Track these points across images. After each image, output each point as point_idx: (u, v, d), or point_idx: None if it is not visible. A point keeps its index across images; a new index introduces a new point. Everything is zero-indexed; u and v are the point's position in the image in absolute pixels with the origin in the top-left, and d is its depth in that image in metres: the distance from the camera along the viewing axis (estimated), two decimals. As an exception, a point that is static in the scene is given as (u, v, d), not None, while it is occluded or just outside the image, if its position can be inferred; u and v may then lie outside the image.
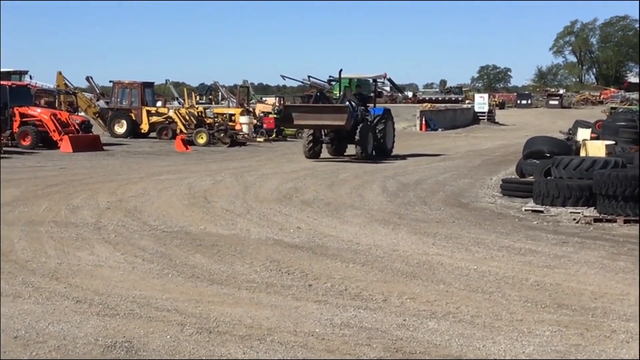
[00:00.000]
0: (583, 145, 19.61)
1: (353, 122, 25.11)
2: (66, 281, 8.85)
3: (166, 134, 36.42)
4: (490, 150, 32.12)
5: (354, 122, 25.21)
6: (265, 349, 6.52)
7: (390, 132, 28.13)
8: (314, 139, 26.22)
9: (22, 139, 30.41)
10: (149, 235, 11.76)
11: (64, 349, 6.50)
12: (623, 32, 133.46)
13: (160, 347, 6.56)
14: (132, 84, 38.83)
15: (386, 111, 28.35)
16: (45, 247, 10.72)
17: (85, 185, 17.87)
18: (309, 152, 26.11)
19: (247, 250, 10.69)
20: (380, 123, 26.88)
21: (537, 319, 7.47)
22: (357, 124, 25.36)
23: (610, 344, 6.75)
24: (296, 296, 8.29)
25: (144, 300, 8.02)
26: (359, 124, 25.46)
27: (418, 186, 18.58)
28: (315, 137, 26.25)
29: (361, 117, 26.30)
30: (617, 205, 13.29)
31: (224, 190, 17.00)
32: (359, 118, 26.01)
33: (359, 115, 26.25)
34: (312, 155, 26.08)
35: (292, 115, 26.16)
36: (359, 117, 26.09)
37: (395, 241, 11.49)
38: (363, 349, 6.55)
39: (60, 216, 13.33)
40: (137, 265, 9.73)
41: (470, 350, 6.56)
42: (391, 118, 28.36)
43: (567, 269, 9.67)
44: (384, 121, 27.18)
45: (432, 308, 7.85)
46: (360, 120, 25.92)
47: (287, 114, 26.79)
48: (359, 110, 26.60)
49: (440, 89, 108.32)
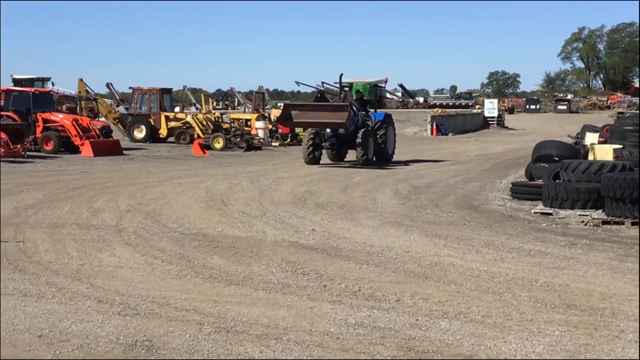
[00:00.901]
0: (591, 149, 19.54)
1: (354, 127, 24.33)
2: (88, 282, 8.89)
3: (184, 138, 36.48)
4: (499, 154, 32.03)
5: (354, 127, 24.39)
6: (281, 348, 6.53)
7: (391, 138, 26.93)
8: (314, 144, 25.07)
9: (44, 143, 30.56)
10: (168, 237, 11.79)
11: (87, 347, 6.53)
12: (630, 39, 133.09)
13: (180, 345, 6.58)
14: (151, 90, 38.92)
15: (387, 116, 27.18)
16: (67, 249, 10.77)
17: (106, 188, 17.94)
18: (309, 157, 24.87)
19: (263, 251, 10.71)
20: (381, 128, 25.79)
21: (546, 319, 7.46)
22: (357, 129, 24.43)
23: (619, 343, 6.73)
24: (311, 296, 8.30)
25: (163, 300, 8.05)
26: (359, 129, 24.48)
27: (429, 189, 18.56)
28: (315, 142, 25.13)
29: (362, 122, 25.15)
30: (625, 207, 13.25)
31: (241, 194, 17.03)
32: (359, 123, 24.93)
33: (360, 120, 25.12)
34: (312, 160, 24.87)
35: (292, 114, 25.00)
36: (360, 122, 25.00)
37: (408, 243, 11.49)
38: (377, 348, 6.55)
39: (82, 219, 13.39)
40: (157, 266, 9.76)
41: (482, 349, 6.55)
42: (392, 123, 27.19)
43: (576, 270, 9.64)
44: (385, 126, 26.07)
45: (444, 308, 7.84)
46: (361, 125, 24.85)
47: (287, 112, 25.45)
48: (359, 115, 25.35)
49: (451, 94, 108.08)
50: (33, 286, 8.63)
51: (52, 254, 10.39)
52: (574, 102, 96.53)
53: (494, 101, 66.87)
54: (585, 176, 14.87)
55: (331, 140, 25.13)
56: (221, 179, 20.20)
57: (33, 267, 9.61)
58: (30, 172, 22.46)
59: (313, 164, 24.61)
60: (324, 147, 25.47)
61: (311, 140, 25.01)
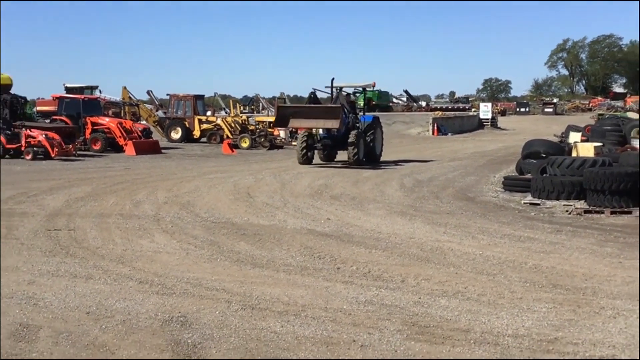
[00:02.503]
0: (574, 147, 19.48)
1: (345, 128, 23.05)
2: (130, 265, 8.91)
3: (215, 139, 36.58)
4: (493, 151, 31.88)
5: (345, 129, 23.09)
6: (300, 323, 6.52)
7: (379, 139, 25.18)
8: (307, 146, 23.56)
9: (93, 144, 30.77)
10: (200, 225, 11.80)
11: (129, 322, 6.54)
12: (609, 49, 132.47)
13: (210, 321, 6.59)
14: (185, 96, 39.02)
15: (375, 119, 25.57)
16: (112, 236, 10.80)
17: (146, 183, 17.99)
18: (302, 158, 23.43)
19: (284, 238, 10.70)
20: (370, 130, 24.24)
21: (535, 297, 7.42)
22: (348, 131, 23.13)
23: (599, 318, 6.70)
24: (326, 277, 8.28)
25: (196, 281, 8.05)
26: (350, 130, 23.17)
27: (431, 183, 18.50)
28: (308, 143, 23.60)
29: (352, 124, 23.81)
30: (605, 198, 13.23)
31: (264, 187, 17.03)
32: (350, 125, 23.60)
33: (350, 122, 23.75)
34: (305, 161, 23.45)
35: (288, 117, 23.37)
36: (350, 124, 23.68)
37: (412, 230, 11.45)
38: (384, 323, 6.53)
39: (125, 209, 13.43)
40: (190, 251, 9.77)
41: (477, 324, 6.52)
42: (380, 125, 25.39)
43: (561, 254, 9.58)
44: (373, 128, 24.50)
45: (444, 288, 7.81)
46: (352, 127, 23.56)
47: (282, 115, 23.80)
48: (350, 118, 23.90)
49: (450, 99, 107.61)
50: (82, 269, 8.67)
51: (99, 241, 10.43)
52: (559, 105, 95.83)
53: (488, 105, 66.60)
54: (569, 171, 14.83)
55: (324, 141, 23.80)
56: (247, 174, 20.22)
57: (82, 252, 9.65)
58: (80, 168, 22.58)
59: (306, 164, 23.32)
60: (317, 148, 24.11)
61: (305, 142, 23.64)
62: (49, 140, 26.61)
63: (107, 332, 6.27)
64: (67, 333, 6.24)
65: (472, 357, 5.71)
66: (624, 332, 6.30)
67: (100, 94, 50.56)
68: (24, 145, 26.59)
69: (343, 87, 25.32)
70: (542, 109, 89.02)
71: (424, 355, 5.72)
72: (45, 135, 26.87)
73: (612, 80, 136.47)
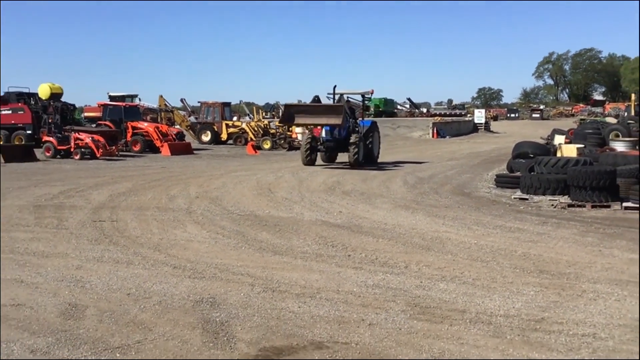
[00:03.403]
0: (559, 148, 19.35)
1: (345, 132, 22.32)
2: (166, 252, 8.93)
3: (240, 141, 36.64)
4: (486, 152, 31.72)
5: (346, 132, 22.35)
6: (315, 304, 6.51)
7: (377, 142, 24.26)
8: (311, 148, 22.58)
9: (133, 145, 30.92)
10: (227, 217, 11.81)
11: (164, 303, 6.55)
12: (590, 61, 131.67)
13: (236, 302, 6.59)
14: (214, 103, 39.11)
15: (373, 123, 24.54)
16: (150, 227, 10.83)
17: (180, 180, 18.03)
18: (306, 159, 22.51)
19: (301, 229, 10.68)
20: (368, 133, 23.31)
21: (524, 281, 7.37)
22: (349, 134, 22.29)
23: (581, 301, 6.64)
24: (338, 264, 8.26)
25: (223, 267, 8.06)
26: (351, 134, 22.26)
27: (431, 180, 18.43)
28: (312, 146, 22.63)
29: (352, 128, 22.86)
30: (586, 194, 13.17)
31: (284, 184, 17.02)
32: (351, 129, 22.70)
33: (351, 127, 22.82)
34: (309, 162, 22.49)
35: (293, 115, 22.20)
36: (351, 128, 22.75)
37: (414, 222, 11.41)
38: (389, 304, 6.51)
39: (161, 203, 13.46)
40: (219, 240, 9.78)
41: (472, 305, 6.48)
42: (377, 129, 24.48)
43: (547, 243, 9.51)
44: (372, 132, 23.64)
45: (443, 273, 7.78)
46: (352, 131, 22.60)
47: (289, 113, 22.45)
48: (350, 122, 22.94)
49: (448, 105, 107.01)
50: (123, 255, 8.70)
51: (138, 231, 10.46)
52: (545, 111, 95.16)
53: (482, 111, 66.21)
54: (554, 169, 14.74)
55: (326, 143, 22.77)
56: (268, 172, 20.22)
57: (124, 240, 9.68)
58: (122, 167, 22.68)
59: (310, 165, 22.40)
60: (320, 150, 23.03)
61: (308, 145, 22.71)
62: (95, 142, 26.76)
63: (145, 311, 6.28)
64: (110, 312, 6.26)
65: (468, 334, 5.67)
66: (604, 313, 6.24)
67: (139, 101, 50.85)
68: (73, 146, 26.75)
69: (344, 94, 24.59)
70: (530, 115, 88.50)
71: (425, 333, 5.70)
72: (92, 138, 27.03)
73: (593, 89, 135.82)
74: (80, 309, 6.34)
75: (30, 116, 32.88)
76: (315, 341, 5.51)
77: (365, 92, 24.84)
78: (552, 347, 5.40)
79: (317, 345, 5.43)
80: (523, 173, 15.73)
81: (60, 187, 15.94)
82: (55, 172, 20.42)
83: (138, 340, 5.53)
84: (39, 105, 33.38)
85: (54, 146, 27.03)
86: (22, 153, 25.68)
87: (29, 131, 32.56)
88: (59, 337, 5.59)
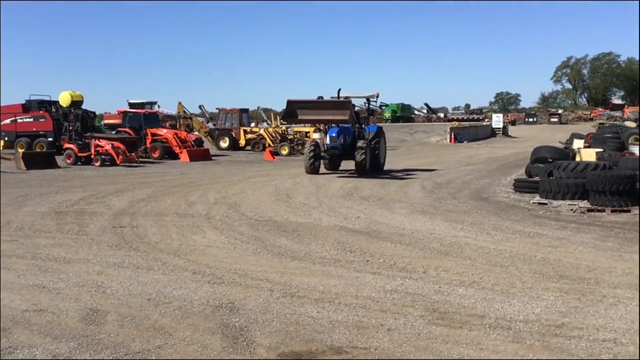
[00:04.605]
0: (578, 152, 19.22)
1: (350, 138, 21.33)
2: (185, 257, 8.97)
3: (258, 147, 36.73)
4: (504, 157, 31.55)
5: (351, 139, 21.35)
6: (333, 309, 6.50)
7: (383, 149, 23.05)
8: (315, 156, 21.36)
9: (152, 152, 31.11)
10: (246, 223, 11.84)
11: (184, 308, 6.58)
12: (608, 65, 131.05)
13: (255, 307, 6.60)
14: (232, 110, 39.24)
15: (379, 129, 23.22)
16: (169, 232, 10.89)
17: (199, 186, 18.11)
18: (310, 167, 21.28)
19: (319, 234, 10.68)
20: (374, 140, 22.09)
21: (543, 286, 7.31)
22: (354, 140, 21.38)
23: (602, 306, 6.58)
24: (357, 269, 8.25)
25: (242, 272, 8.08)
26: (356, 140, 21.39)
27: (449, 185, 18.36)
28: (316, 153, 21.39)
29: (358, 134, 21.91)
30: (606, 198, 13.06)
31: (302, 189, 17.04)
32: (356, 134, 21.76)
33: (357, 132, 21.90)
34: (312, 170, 21.28)
35: (296, 111, 20.79)
36: (356, 134, 21.82)
37: (432, 227, 11.37)
38: (408, 309, 6.49)
39: (180, 209, 13.52)
40: (237, 245, 9.81)
41: (492, 310, 6.44)
42: (384, 135, 23.28)
43: (567, 248, 9.44)
44: (378, 138, 22.37)
45: (461, 278, 7.74)
46: (358, 137, 21.72)
47: (291, 109, 20.82)
48: (355, 127, 21.98)
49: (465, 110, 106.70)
50: (144, 261, 8.75)
51: (158, 236, 10.51)
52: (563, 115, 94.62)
53: (500, 115, 66.03)
54: (573, 174, 14.65)
55: (331, 150, 21.35)
56: (286, 178, 20.24)
57: (144, 246, 9.74)
58: (142, 173, 22.82)
59: (313, 174, 21.20)
60: (324, 158, 21.74)
61: (312, 152, 21.47)
62: (115, 149, 26.94)
63: (165, 316, 6.31)
64: (131, 317, 6.30)
65: (487, 340, 5.64)
66: (624, 318, 6.18)
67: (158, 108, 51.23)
68: (93, 153, 26.97)
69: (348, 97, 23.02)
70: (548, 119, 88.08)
71: (444, 338, 5.67)
72: (112, 145, 27.21)
73: (612, 92, 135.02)
74: (101, 314, 6.39)
75: (52, 124, 33.32)
76: (334, 346, 5.51)
77: (370, 95, 23.50)
78: (573, 352, 5.36)
79: (336, 350, 5.43)
80: (542, 177, 15.63)
81: (81, 194, 16.08)
82: (76, 179, 20.60)
83: (158, 345, 5.56)
84: (60, 113, 33.73)
85: (75, 153, 27.27)
86: (43, 160, 25.95)
87: (50, 138, 33.00)
88: (81, 341, 5.63)
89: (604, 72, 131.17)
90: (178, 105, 44.15)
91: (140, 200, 14.78)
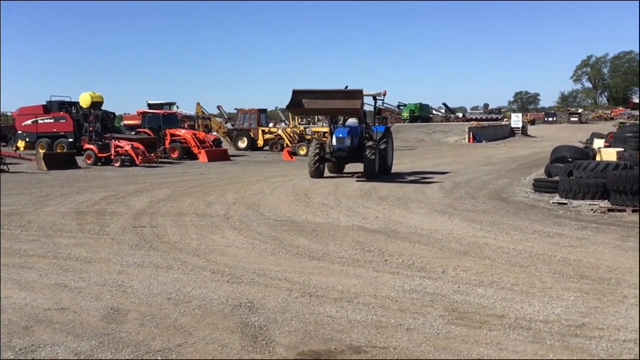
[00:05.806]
0: (598, 152, 19.04)
1: (358, 140, 20.37)
2: (204, 257, 9.01)
3: (276, 147, 36.80)
4: (524, 156, 31.35)
5: (358, 140, 20.36)
6: (352, 309, 6.51)
7: (390, 150, 22.00)
8: (319, 158, 20.19)
9: (171, 152, 31.26)
10: (265, 223, 11.87)
11: (204, 307, 6.62)
12: (629, 64, 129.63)
13: (274, 306, 6.62)
14: (250, 110, 39.35)
15: (387, 129, 22.01)
16: (189, 232, 10.95)
17: (217, 186, 18.18)
18: (315, 171, 20.14)
19: (338, 234, 10.69)
20: (382, 140, 21.01)
21: (563, 287, 7.27)
22: (362, 142, 20.43)
23: (622, 306, 6.53)
24: (375, 269, 8.25)
25: (261, 272, 8.10)
26: (362, 142, 20.45)
27: (467, 185, 18.28)
28: (320, 156, 20.24)
29: (368, 135, 20.94)
30: (627, 198, 12.95)
31: (320, 189, 17.05)
32: (363, 135, 20.80)
33: (364, 132, 20.94)
34: (317, 174, 20.13)
35: (302, 101, 19.14)
36: (364, 134, 20.85)
37: (451, 227, 11.33)
38: (427, 309, 6.48)
39: (199, 209, 13.59)
40: (256, 245, 9.84)
41: (511, 311, 6.41)
42: (391, 136, 22.19)
43: (587, 248, 9.37)
44: (386, 139, 21.29)
45: (480, 278, 7.71)
46: (369, 138, 20.75)
47: (296, 99, 19.12)
48: (362, 128, 21.03)
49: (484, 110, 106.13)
50: (163, 260, 8.81)
51: (177, 236, 10.58)
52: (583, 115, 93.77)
53: (519, 115, 65.67)
54: (593, 173, 14.54)
55: (337, 152, 20.27)
56: (305, 178, 20.25)
57: (163, 246, 9.80)
58: (161, 174, 22.95)
59: (318, 177, 20.13)
60: (330, 160, 20.71)
61: (317, 155, 20.31)
62: (134, 150, 27.13)
63: (185, 315, 6.35)
64: (151, 316, 6.35)
65: (507, 340, 5.62)
66: (646, 319, 6.12)
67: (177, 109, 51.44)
68: (113, 154, 27.17)
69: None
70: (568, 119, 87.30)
71: (464, 338, 5.65)
72: (131, 145, 27.40)
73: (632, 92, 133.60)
74: (122, 313, 6.44)
75: (72, 124, 33.63)
76: (353, 345, 5.51)
77: (377, 93, 22.09)
78: (593, 353, 5.32)
79: (355, 349, 5.43)
80: (562, 177, 15.51)
81: (101, 194, 16.21)
82: (96, 179, 20.78)
83: (179, 343, 5.59)
84: (80, 114, 34.08)
85: (95, 154, 27.50)
86: (64, 161, 26.19)
87: (71, 139, 33.32)
88: (102, 340, 5.69)
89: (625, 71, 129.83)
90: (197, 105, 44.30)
91: (160, 200, 14.87)
